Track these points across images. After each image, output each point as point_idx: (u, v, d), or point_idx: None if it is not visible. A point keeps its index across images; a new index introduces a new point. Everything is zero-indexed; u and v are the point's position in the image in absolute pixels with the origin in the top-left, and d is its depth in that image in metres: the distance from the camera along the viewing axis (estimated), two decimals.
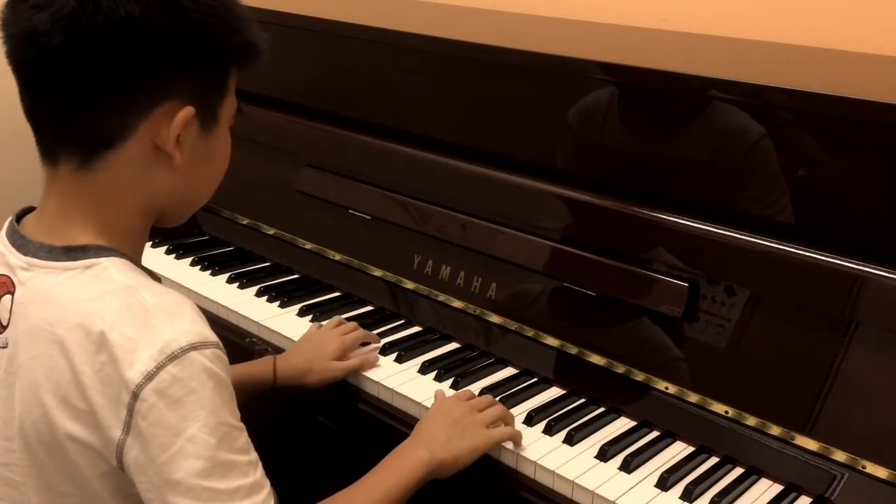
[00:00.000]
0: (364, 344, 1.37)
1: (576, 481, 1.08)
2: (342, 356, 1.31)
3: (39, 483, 0.87)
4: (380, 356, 1.35)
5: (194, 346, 0.81)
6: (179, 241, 1.76)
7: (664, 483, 1.08)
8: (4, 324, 0.88)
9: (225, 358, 0.86)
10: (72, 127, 0.86)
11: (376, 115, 1.58)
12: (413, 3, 2.08)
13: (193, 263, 1.68)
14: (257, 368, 1.28)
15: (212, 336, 0.84)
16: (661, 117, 1.26)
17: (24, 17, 0.82)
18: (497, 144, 1.40)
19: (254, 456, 0.86)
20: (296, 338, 1.39)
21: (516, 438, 1.14)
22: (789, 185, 1.13)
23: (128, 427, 0.81)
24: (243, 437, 0.86)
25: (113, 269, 0.86)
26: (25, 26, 0.82)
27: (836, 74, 1.43)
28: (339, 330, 1.35)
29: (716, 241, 1.16)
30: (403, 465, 1.05)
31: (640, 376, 1.22)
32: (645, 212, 1.22)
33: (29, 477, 0.87)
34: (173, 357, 0.80)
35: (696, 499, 1.07)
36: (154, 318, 0.82)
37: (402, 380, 1.29)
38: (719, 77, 1.18)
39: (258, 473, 0.86)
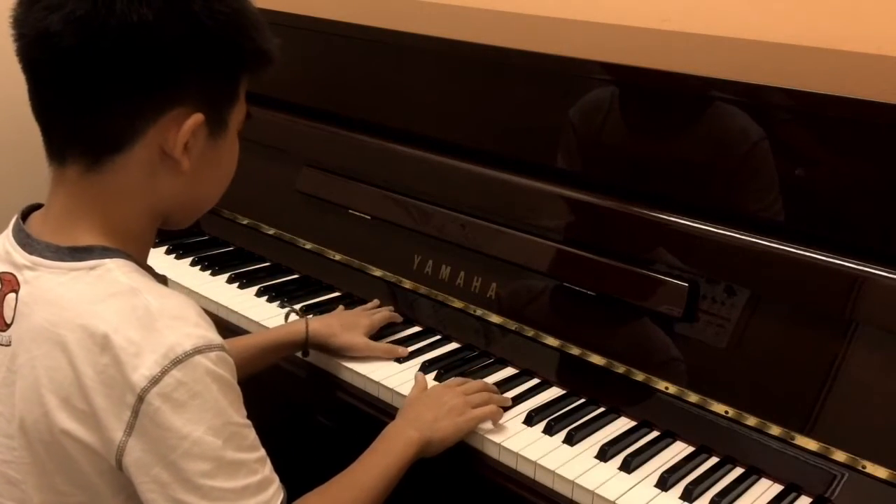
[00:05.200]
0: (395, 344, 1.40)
1: (576, 481, 1.08)
2: (368, 333, 1.37)
3: (40, 481, 0.86)
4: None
5: (198, 350, 0.81)
6: (179, 241, 1.76)
7: (664, 483, 1.08)
8: (8, 322, 0.88)
9: (229, 359, 0.85)
10: (80, 129, 0.86)
11: (376, 115, 1.58)
12: (413, 3, 2.08)
13: (193, 263, 1.68)
14: (291, 328, 1.35)
15: (216, 338, 0.84)
16: (662, 117, 1.26)
17: (37, 18, 0.81)
18: (497, 144, 1.40)
19: (262, 453, 0.87)
20: None
21: (495, 417, 1.18)
22: (789, 185, 1.13)
23: (130, 429, 0.81)
24: (251, 436, 0.86)
25: (117, 270, 0.86)
26: (37, 27, 0.81)
27: (836, 74, 1.43)
28: (367, 311, 1.44)
29: (716, 241, 1.16)
30: (396, 445, 1.09)
31: (640, 376, 1.22)
32: (645, 212, 1.22)
33: (30, 475, 0.87)
34: (178, 361, 0.80)
35: (696, 499, 1.07)
36: (158, 321, 0.82)
37: (402, 379, 1.29)
38: (719, 77, 1.18)
39: (266, 469, 0.87)
